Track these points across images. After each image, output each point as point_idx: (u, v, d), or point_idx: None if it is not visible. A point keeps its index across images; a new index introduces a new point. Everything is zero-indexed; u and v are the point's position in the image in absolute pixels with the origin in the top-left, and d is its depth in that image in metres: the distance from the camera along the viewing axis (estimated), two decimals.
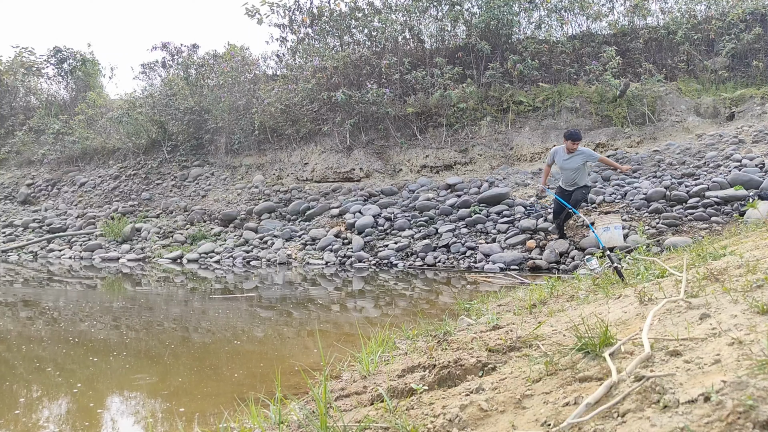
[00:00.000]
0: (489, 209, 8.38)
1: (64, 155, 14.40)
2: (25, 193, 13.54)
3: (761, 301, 1.49)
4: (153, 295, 6.26)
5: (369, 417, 1.57)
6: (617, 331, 1.75)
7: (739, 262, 2.30)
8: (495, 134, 10.81)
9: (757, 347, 1.20)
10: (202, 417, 2.48)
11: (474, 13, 11.81)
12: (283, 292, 6.19)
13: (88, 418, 2.54)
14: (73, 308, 5.46)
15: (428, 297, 5.64)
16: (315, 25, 12.66)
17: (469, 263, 7.32)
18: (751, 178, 7.08)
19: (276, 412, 1.79)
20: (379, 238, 8.46)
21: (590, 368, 1.42)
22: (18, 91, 17.00)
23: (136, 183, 12.78)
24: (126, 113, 13.66)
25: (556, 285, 3.41)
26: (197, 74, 14.00)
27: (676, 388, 1.11)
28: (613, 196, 7.85)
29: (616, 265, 3.08)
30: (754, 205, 4.94)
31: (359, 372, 2.29)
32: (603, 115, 10.38)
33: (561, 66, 11.22)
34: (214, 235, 9.83)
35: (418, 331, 2.98)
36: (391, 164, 11.04)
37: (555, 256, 6.78)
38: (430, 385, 1.74)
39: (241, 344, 3.83)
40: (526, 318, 2.62)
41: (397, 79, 11.32)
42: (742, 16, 10.88)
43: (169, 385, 2.96)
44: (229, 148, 12.61)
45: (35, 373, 3.24)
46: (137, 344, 3.95)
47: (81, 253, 10.11)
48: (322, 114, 11.79)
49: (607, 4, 12.06)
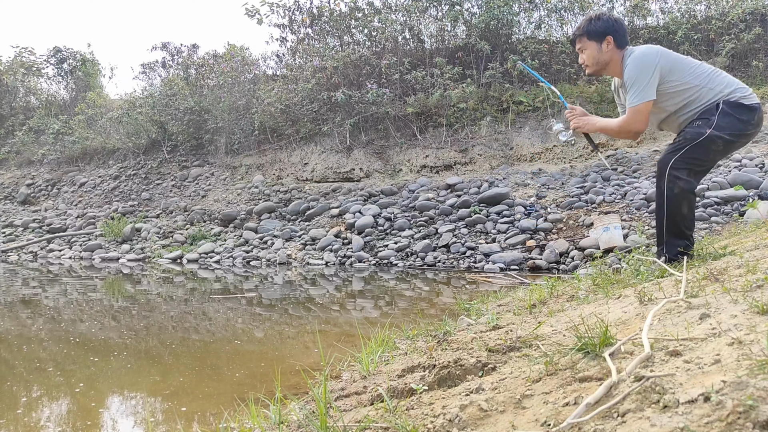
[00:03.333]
0: (489, 209, 8.38)
1: (64, 155, 14.40)
2: (25, 193, 13.54)
3: (761, 301, 1.49)
4: (153, 295, 6.26)
5: (369, 417, 1.57)
6: (617, 331, 1.75)
7: (739, 262, 2.30)
8: (495, 134, 10.81)
9: (757, 347, 1.20)
10: (202, 417, 2.48)
11: (474, 13, 11.81)
12: (283, 292, 6.19)
13: (90, 418, 2.54)
14: (73, 308, 5.46)
15: (428, 297, 5.64)
16: (315, 25, 12.67)
17: (469, 263, 7.32)
18: (751, 178, 7.08)
19: (276, 412, 1.79)
20: (379, 238, 8.46)
21: (590, 368, 1.43)
22: (18, 91, 17.01)
23: (136, 183, 12.78)
24: (126, 113, 13.66)
25: (556, 285, 3.41)
26: (197, 74, 14.01)
27: (676, 388, 1.11)
28: (613, 196, 7.85)
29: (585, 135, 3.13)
30: (754, 205, 4.95)
31: (359, 372, 2.29)
32: (603, 115, 10.37)
33: (561, 66, 11.23)
34: (214, 235, 9.83)
35: (418, 331, 2.98)
36: (391, 164, 11.05)
37: (555, 256, 6.78)
38: (430, 385, 1.74)
39: (241, 344, 3.83)
40: (526, 318, 2.62)
41: (397, 79, 11.32)
42: (742, 16, 10.88)
43: (170, 385, 2.96)
44: (229, 148, 12.61)
45: (36, 373, 3.24)
46: (137, 344, 3.95)
47: (81, 253, 10.11)
48: (322, 114, 11.79)
49: (607, 5, 12.06)
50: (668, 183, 2.82)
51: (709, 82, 2.85)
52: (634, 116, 2.87)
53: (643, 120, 2.88)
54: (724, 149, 2.87)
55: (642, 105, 2.84)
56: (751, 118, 2.82)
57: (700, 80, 2.86)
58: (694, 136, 2.82)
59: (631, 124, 2.89)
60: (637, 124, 2.88)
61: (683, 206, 2.83)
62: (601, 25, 2.98)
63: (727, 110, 2.79)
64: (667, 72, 2.85)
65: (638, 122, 2.88)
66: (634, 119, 2.87)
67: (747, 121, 2.81)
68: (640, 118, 2.86)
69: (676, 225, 2.87)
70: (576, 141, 3.27)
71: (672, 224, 2.87)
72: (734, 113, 2.79)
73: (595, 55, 3.02)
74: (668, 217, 2.87)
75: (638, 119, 2.87)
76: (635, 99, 2.85)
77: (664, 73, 2.84)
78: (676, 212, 2.84)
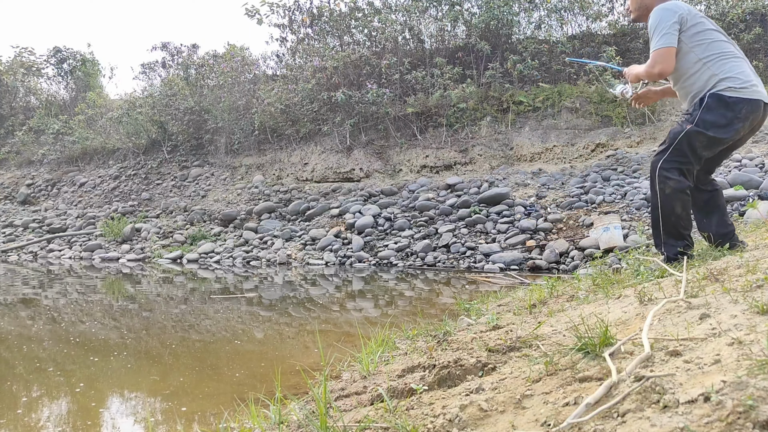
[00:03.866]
0: (489, 209, 8.38)
1: (64, 155, 14.40)
2: (25, 193, 13.54)
3: (761, 301, 1.49)
4: (153, 295, 6.26)
5: (369, 417, 1.57)
6: (617, 331, 1.75)
7: (739, 262, 2.30)
8: (495, 134, 10.81)
9: (757, 347, 1.20)
10: (203, 417, 2.48)
11: (474, 13, 11.81)
12: (283, 292, 6.19)
13: (90, 418, 2.54)
14: (73, 308, 5.46)
15: (428, 297, 5.64)
16: (315, 25, 12.66)
17: (469, 263, 7.32)
18: (751, 178, 7.08)
19: (276, 412, 1.79)
20: (379, 238, 8.46)
21: (590, 368, 1.43)
22: (18, 91, 17.01)
23: (136, 183, 12.79)
24: (126, 113, 13.67)
25: (556, 285, 3.41)
26: (197, 74, 14.01)
27: (676, 388, 1.11)
28: (613, 196, 7.85)
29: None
30: (754, 205, 4.95)
31: (359, 372, 2.29)
32: (603, 115, 10.38)
33: (561, 66, 11.23)
34: (214, 235, 9.83)
35: (418, 331, 2.98)
36: (391, 164, 11.05)
37: (555, 256, 6.78)
38: (430, 385, 1.74)
39: (241, 344, 3.83)
40: (526, 318, 2.62)
41: (397, 79, 11.32)
42: (742, 16, 10.88)
43: (170, 385, 2.96)
44: (229, 148, 12.61)
45: (36, 373, 3.24)
46: (137, 344, 3.95)
47: (81, 253, 10.11)
48: (322, 114, 11.79)
49: (607, 4, 12.07)
50: (659, 184, 2.83)
51: (711, 64, 2.82)
52: (655, 58, 2.86)
53: (665, 62, 2.84)
54: (710, 145, 2.81)
55: (663, 50, 2.83)
56: (736, 113, 2.74)
57: (705, 55, 2.84)
58: (675, 134, 2.83)
59: (653, 66, 2.88)
60: (659, 66, 2.86)
61: (677, 206, 2.82)
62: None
63: (711, 104, 2.77)
64: (686, 28, 2.84)
65: (659, 64, 2.85)
66: (655, 61, 2.86)
67: (730, 117, 2.74)
68: (661, 60, 2.85)
69: (672, 225, 2.86)
70: (638, 88, 3.29)
71: (668, 225, 2.87)
72: (717, 108, 2.75)
73: (639, 0, 3.08)
74: (663, 217, 2.86)
75: (659, 61, 2.85)
76: (657, 43, 2.85)
77: (683, 26, 2.84)
78: (670, 212, 2.83)
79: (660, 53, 2.84)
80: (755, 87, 2.81)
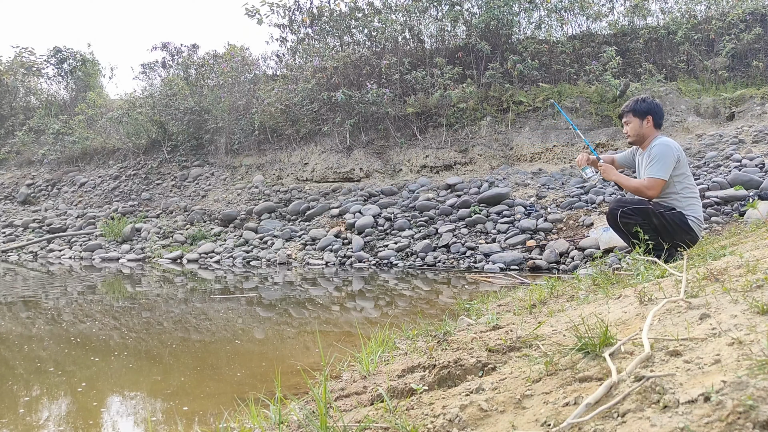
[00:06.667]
0: (489, 209, 8.38)
1: (64, 155, 14.40)
2: (25, 193, 13.55)
3: (761, 301, 1.49)
4: (153, 295, 6.26)
5: (369, 417, 1.57)
6: (617, 331, 1.75)
7: (739, 262, 2.30)
8: (495, 134, 10.81)
9: (757, 347, 1.20)
10: (203, 416, 2.48)
11: (474, 13, 11.81)
12: (283, 292, 6.19)
13: (91, 418, 2.54)
14: (74, 308, 5.47)
15: (428, 297, 5.64)
16: (315, 25, 12.66)
17: (469, 263, 7.32)
18: (751, 178, 7.08)
19: (276, 412, 1.79)
20: (379, 238, 8.46)
21: (590, 368, 1.43)
22: (18, 91, 17.01)
23: (136, 183, 12.79)
24: (126, 113, 13.67)
25: (556, 285, 3.41)
26: (197, 74, 14.01)
27: (676, 388, 1.11)
28: (613, 197, 7.85)
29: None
30: (754, 205, 4.95)
31: (359, 372, 2.29)
32: (603, 115, 10.38)
33: (561, 66, 11.23)
34: (214, 235, 9.83)
35: (418, 331, 2.98)
36: (391, 164, 11.05)
37: (555, 256, 6.78)
38: (430, 385, 1.74)
39: (241, 344, 3.84)
40: (526, 318, 2.63)
41: (397, 79, 11.32)
42: (742, 16, 10.89)
43: (170, 385, 2.97)
44: (229, 148, 12.61)
45: (37, 373, 3.24)
46: (138, 344, 3.95)
47: (81, 253, 10.12)
48: (322, 114, 11.80)
49: (607, 4, 12.07)
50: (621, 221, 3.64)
51: (683, 199, 3.64)
52: (652, 184, 3.59)
53: (657, 190, 3.59)
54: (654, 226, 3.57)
55: (660, 180, 3.56)
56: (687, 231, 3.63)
57: (680, 189, 3.64)
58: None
59: (649, 189, 3.60)
60: (652, 191, 3.60)
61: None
62: (645, 106, 3.74)
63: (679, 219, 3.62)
64: (678, 167, 3.60)
65: (653, 189, 3.59)
66: (651, 186, 3.59)
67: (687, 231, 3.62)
68: (655, 186, 3.58)
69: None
70: (597, 179, 4.08)
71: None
72: (681, 225, 3.60)
73: (637, 128, 3.76)
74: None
75: (654, 187, 3.59)
76: (657, 173, 3.55)
77: (676, 165, 3.58)
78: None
79: (657, 182, 3.57)
80: (702, 224, 3.69)
